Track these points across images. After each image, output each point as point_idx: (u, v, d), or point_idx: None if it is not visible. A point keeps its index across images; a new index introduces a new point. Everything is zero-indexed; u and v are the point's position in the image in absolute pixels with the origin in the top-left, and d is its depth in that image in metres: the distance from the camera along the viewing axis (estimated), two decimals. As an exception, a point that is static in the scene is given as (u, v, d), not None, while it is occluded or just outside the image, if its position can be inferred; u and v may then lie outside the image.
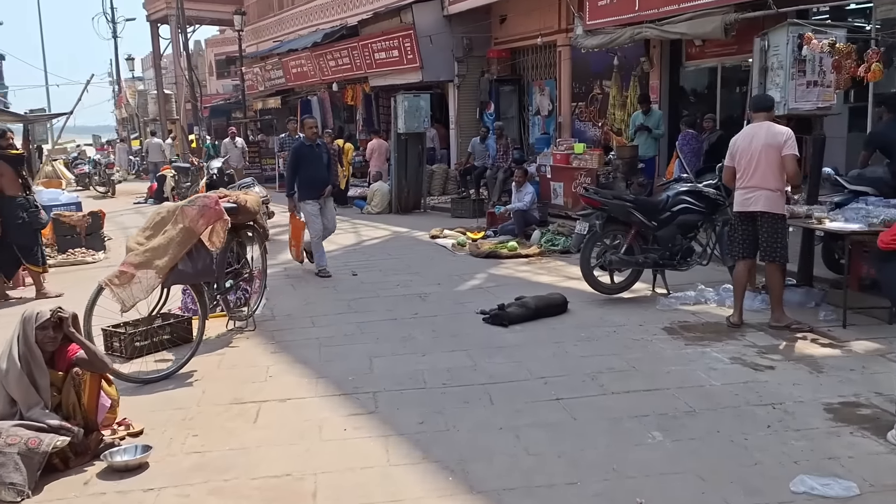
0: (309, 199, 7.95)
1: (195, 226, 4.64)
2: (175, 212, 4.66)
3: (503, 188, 12.91)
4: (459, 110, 16.29)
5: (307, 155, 7.95)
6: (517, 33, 15.41)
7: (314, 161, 7.92)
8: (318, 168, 7.94)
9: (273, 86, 23.42)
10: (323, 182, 7.99)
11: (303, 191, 7.97)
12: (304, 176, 7.94)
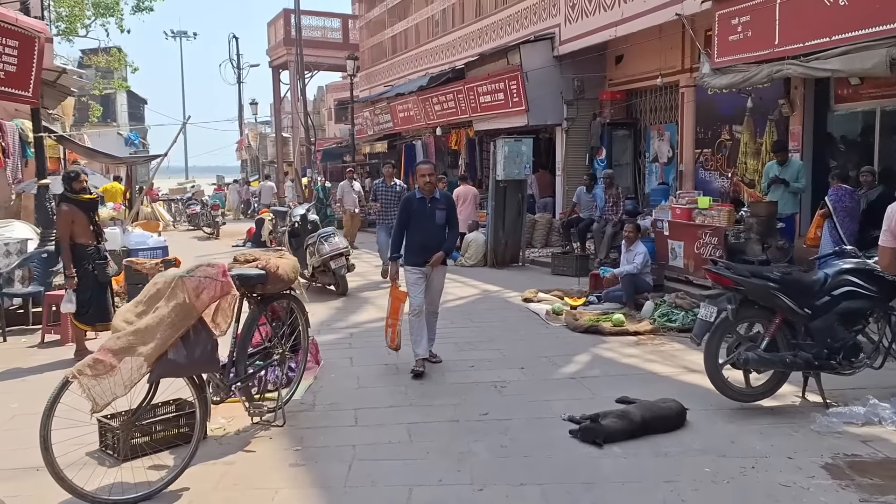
0: (414, 265, 6.20)
1: (194, 302, 3.64)
2: (171, 283, 3.68)
3: (612, 244, 11.46)
4: (567, 156, 15.00)
5: (419, 211, 6.18)
6: (634, 73, 14.05)
7: (427, 219, 6.18)
8: (431, 229, 6.19)
9: (381, 130, 23.11)
10: (435, 246, 6.18)
11: (409, 255, 6.27)
12: (413, 237, 6.22)
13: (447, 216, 6.26)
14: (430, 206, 6.18)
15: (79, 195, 6.46)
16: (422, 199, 6.20)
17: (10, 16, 7.68)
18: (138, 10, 31.11)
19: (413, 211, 6.19)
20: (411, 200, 6.27)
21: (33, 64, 8.14)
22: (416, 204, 6.21)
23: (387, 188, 10.94)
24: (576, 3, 13.90)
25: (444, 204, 6.26)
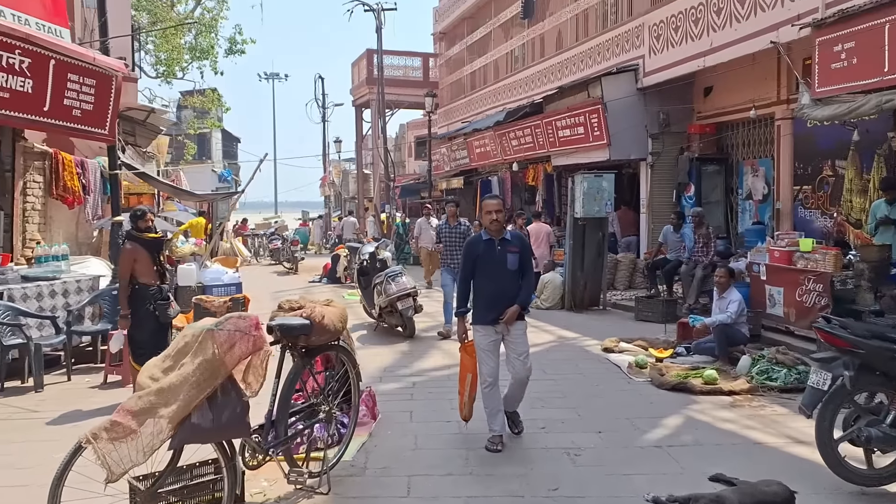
0: (484, 322, 5.17)
1: (223, 359, 3.26)
2: (199, 337, 3.32)
3: (701, 288, 10.60)
4: (652, 192, 14.22)
5: (487, 256, 5.20)
6: (725, 105, 13.23)
7: (497, 265, 5.17)
8: (502, 276, 5.16)
9: (457, 166, 22.90)
10: (509, 298, 5.12)
11: (477, 311, 5.25)
12: (480, 288, 5.24)
13: (521, 260, 5.21)
14: (499, 248, 5.16)
15: (144, 234, 6.33)
16: (489, 242, 5.19)
17: (87, 55, 7.79)
18: (231, 52, 32.48)
19: (479, 256, 5.18)
20: (477, 243, 5.26)
21: (110, 102, 8.24)
22: (483, 247, 5.19)
23: (450, 229, 10.00)
24: (661, 33, 13.28)
25: (516, 245, 5.22)
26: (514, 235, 5.39)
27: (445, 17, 26.15)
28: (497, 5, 21.69)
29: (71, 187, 9.06)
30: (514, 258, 5.19)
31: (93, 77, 7.89)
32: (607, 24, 15.52)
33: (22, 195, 8.47)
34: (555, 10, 18.00)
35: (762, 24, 10.75)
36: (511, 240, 5.28)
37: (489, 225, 5.24)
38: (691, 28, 12.43)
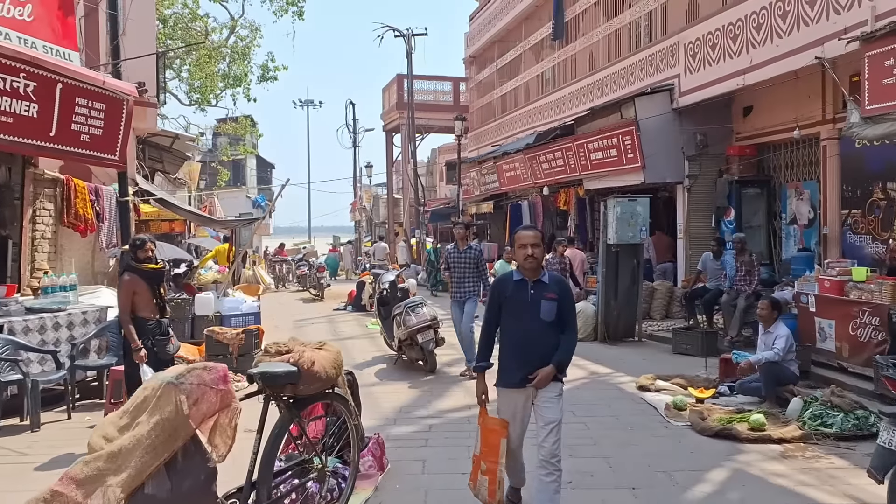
0: (508, 384, 4.21)
1: (186, 417, 2.80)
2: (158, 391, 2.86)
3: (744, 320, 9.91)
4: (689, 217, 13.56)
5: (516, 300, 4.22)
6: (766, 126, 12.57)
7: (528, 313, 4.17)
8: (534, 328, 4.14)
9: (487, 190, 22.46)
10: (540, 356, 4.12)
11: (501, 367, 4.27)
12: (507, 339, 4.26)
13: (560, 310, 4.14)
14: (532, 293, 4.14)
15: (143, 264, 5.96)
16: (521, 283, 4.19)
17: (97, 78, 7.55)
18: (264, 79, 32.74)
19: (507, 299, 4.20)
20: (505, 283, 4.28)
21: (121, 127, 7.97)
22: (513, 289, 4.20)
23: (459, 254, 8.61)
24: (697, 51, 12.72)
25: (554, 292, 4.17)
26: (553, 278, 4.29)
27: (476, 41, 25.93)
28: (527, 27, 21.36)
29: (83, 215, 8.80)
30: (551, 307, 4.12)
31: (102, 101, 7.63)
32: (641, 44, 15.02)
33: (31, 223, 8.23)
34: (586, 31, 17.57)
35: (806, 38, 10.13)
36: (549, 283, 4.21)
37: (523, 262, 4.20)
38: (729, 45, 11.86)
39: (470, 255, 8.64)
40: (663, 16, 14.30)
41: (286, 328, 13.47)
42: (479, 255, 8.68)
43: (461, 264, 8.65)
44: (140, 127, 10.72)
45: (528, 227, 4.38)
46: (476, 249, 8.77)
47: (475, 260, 8.63)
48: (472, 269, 8.63)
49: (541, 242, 4.26)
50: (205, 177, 42.95)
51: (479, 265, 8.68)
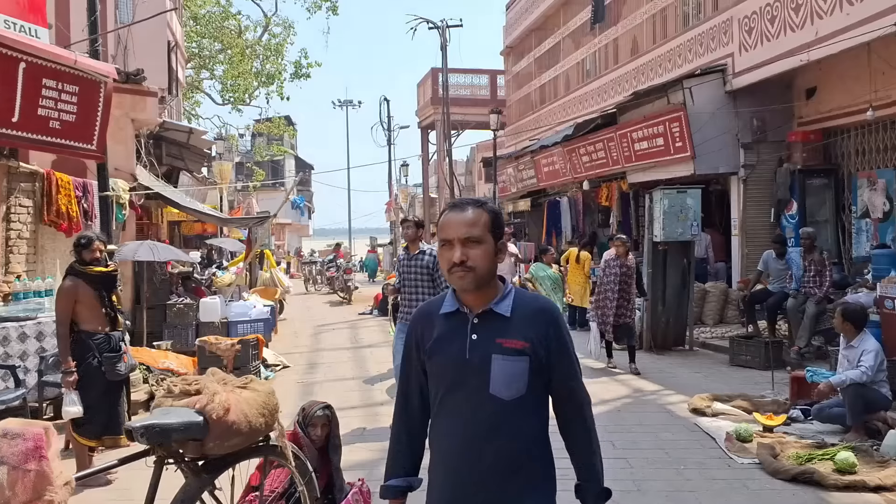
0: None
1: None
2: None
3: (815, 328, 8.59)
4: (745, 211, 12.20)
5: (440, 352, 2.10)
6: (833, 108, 11.18)
7: (462, 382, 2.07)
8: (477, 417, 2.05)
9: (524, 187, 21.29)
10: (497, 486, 2.04)
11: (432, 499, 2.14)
12: (434, 436, 2.18)
13: (538, 373, 2.06)
14: (475, 338, 2.05)
15: (89, 267, 5.02)
16: (455, 318, 2.10)
17: (66, 57, 6.67)
18: (297, 76, 32.15)
19: (432, 352, 2.11)
20: (427, 319, 2.16)
21: (97, 113, 7.09)
22: (441, 330, 2.11)
23: (409, 260, 6.26)
24: (753, 25, 11.37)
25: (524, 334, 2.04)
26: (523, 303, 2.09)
27: (512, 30, 24.77)
28: (566, 13, 20.13)
29: (66, 212, 7.98)
30: (513, 370, 2.03)
31: (75, 83, 6.76)
32: (689, 23, 13.69)
33: (5, 221, 7.43)
34: (628, 13, 16.28)
35: (883, 3, 8.77)
36: (512, 317, 2.06)
37: (450, 275, 2.04)
38: (790, 17, 10.50)
39: (421, 262, 6.14)
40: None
41: (305, 334, 12.59)
42: (432, 263, 6.06)
43: (412, 275, 6.18)
44: (140, 118, 9.91)
45: (460, 205, 2.09)
46: (429, 256, 6.11)
47: (428, 269, 6.09)
48: (426, 281, 6.08)
49: (487, 233, 2.02)
50: (241, 177, 42.79)
51: (433, 276, 6.07)
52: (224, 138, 28.44)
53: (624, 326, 8.76)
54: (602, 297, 8.89)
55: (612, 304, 8.70)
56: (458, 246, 2.00)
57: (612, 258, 8.98)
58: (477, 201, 2.10)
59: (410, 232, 6.38)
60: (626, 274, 8.80)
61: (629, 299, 8.83)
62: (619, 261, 8.88)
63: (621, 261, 8.87)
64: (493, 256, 2.03)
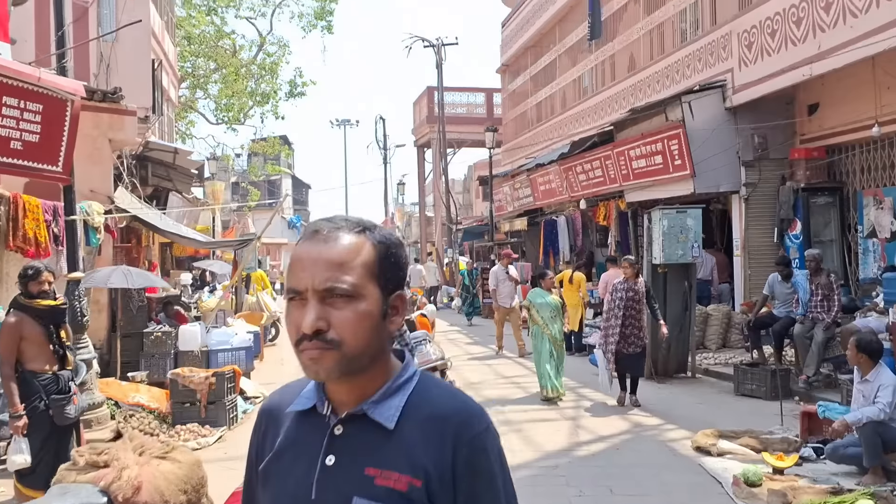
0: None
1: None
2: None
3: (823, 356, 8.16)
4: (748, 231, 11.80)
5: (278, 475, 1.27)
6: (836, 124, 10.84)
7: None
8: None
9: (521, 205, 20.90)
10: None
11: None
12: None
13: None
14: (333, 463, 1.22)
15: (35, 301, 4.60)
16: (308, 420, 1.28)
17: (29, 74, 6.29)
18: (292, 95, 31.96)
19: (267, 474, 1.29)
20: (272, 422, 1.33)
21: (63, 133, 6.70)
22: (286, 441, 1.29)
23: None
24: (753, 40, 11.05)
25: (420, 460, 1.20)
26: (421, 399, 1.25)
27: (508, 48, 24.54)
28: (562, 30, 19.87)
29: (34, 237, 7.57)
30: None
31: (38, 101, 6.37)
32: (687, 38, 13.39)
33: (-35, 248, 7.02)
34: (625, 29, 16.00)
35: (889, 14, 8.44)
36: (406, 433, 1.22)
37: (300, 355, 1.21)
38: (791, 31, 10.18)
39: None
40: (712, 4, 12.66)
41: (293, 362, 12.07)
42: None
43: None
44: (118, 138, 9.53)
45: (323, 230, 1.24)
46: None
47: None
48: None
49: (369, 282, 1.21)
50: (237, 197, 42.44)
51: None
52: (217, 158, 28.12)
53: (631, 357, 8.06)
54: (610, 323, 8.21)
55: (616, 331, 8.03)
56: (312, 303, 1.19)
57: (618, 281, 8.41)
58: (356, 223, 1.25)
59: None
60: (633, 299, 8.13)
61: (639, 326, 8.16)
62: (626, 284, 8.22)
63: (628, 284, 8.22)
64: (378, 323, 1.21)
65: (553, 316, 8.43)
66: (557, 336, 8.46)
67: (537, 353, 8.46)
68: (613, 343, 7.98)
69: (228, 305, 13.24)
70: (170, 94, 18.94)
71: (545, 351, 8.30)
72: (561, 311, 8.67)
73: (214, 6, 29.69)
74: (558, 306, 8.65)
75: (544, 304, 8.49)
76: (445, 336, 14.88)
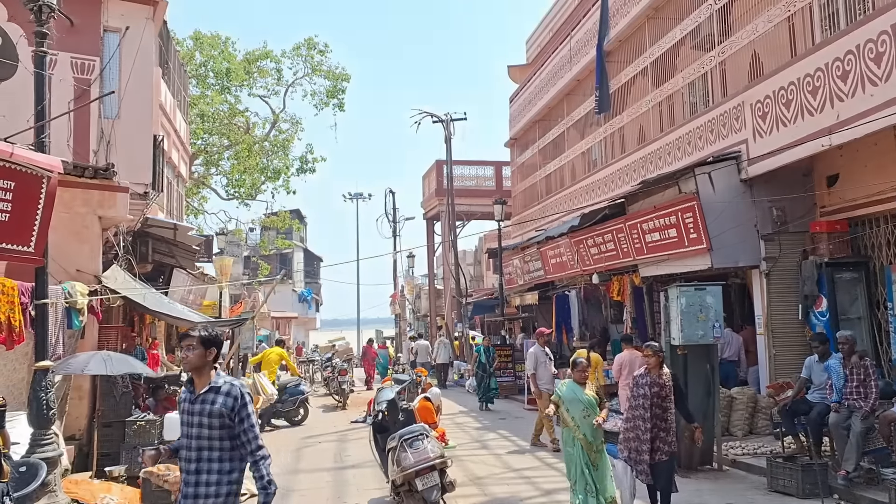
0: None
1: None
2: None
3: (863, 447, 7.39)
4: (770, 307, 11.17)
5: None
6: (858, 196, 10.36)
7: None
8: None
9: (532, 279, 20.37)
10: None
11: None
12: None
13: None
14: None
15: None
16: None
17: (2, 150, 5.96)
18: (302, 171, 32.14)
19: None
20: None
21: (37, 211, 6.32)
22: None
23: (191, 401, 3.94)
24: (767, 111, 10.71)
25: None
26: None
27: (516, 123, 24.55)
28: (570, 103, 19.79)
29: (7, 321, 7.09)
30: None
31: (10, 178, 6.03)
32: (697, 109, 13.11)
33: (-70, 334, 6.54)
34: (634, 101, 15.80)
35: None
36: None
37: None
38: (807, 100, 9.83)
39: (211, 405, 3.87)
40: (722, 75, 12.41)
41: (288, 449, 11.39)
42: (233, 405, 3.85)
43: (194, 428, 3.89)
44: (108, 215, 9.19)
45: None
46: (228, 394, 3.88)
47: (222, 417, 3.85)
48: (217, 439, 3.85)
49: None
50: (248, 272, 42.25)
51: (232, 432, 3.88)
52: (227, 233, 27.96)
53: (657, 466, 6.54)
54: (632, 425, 6.70)
55: (645, 437, 6.53)
56: None
57: (639, 374, 6.91)
58: None
59: (192, 356, 3.89)
60: (659, 395, 6.66)
61: (666, 428, 6.66)
62: (649, 378, 6.71)
63: (652, 377, 6.71)
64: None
65: (586, 416, 6.66)
66: (592, 439, 6.64)
67: (568, 460, 6.80)
68: (646, 452, 6.50)
69: (224, 388, 12.61)
70: (180, 171, 18.86)
71: (576, 459, 6.63)
72: (597, 409, 6.75)
73: (228, 85, 30.19)
74: (594, 404, 6.76)
75: (575, 400, 6.71)
76: (452, 420, 14.09)
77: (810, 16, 10.19)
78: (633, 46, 15.54)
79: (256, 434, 3.84)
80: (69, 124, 11.66)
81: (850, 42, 8.94)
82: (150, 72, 12.81)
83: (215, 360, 4.00)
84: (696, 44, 13.20)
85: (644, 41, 14.84)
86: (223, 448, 3.82)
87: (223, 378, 3.94)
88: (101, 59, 12.04)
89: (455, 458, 9.02)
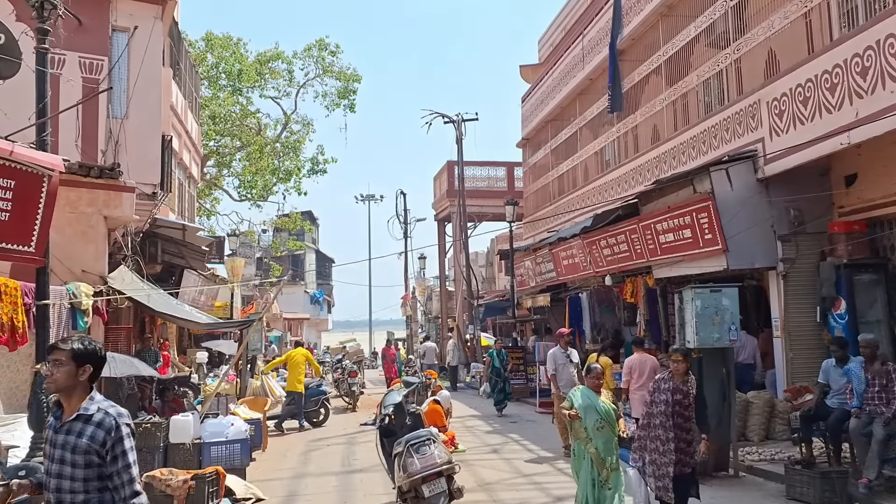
0: None
1: None
2: None
3: (884, 455, 7.16)
4: (787, 310, 10.92)
5: None
6: (877, 196, 10.11)
7: None
8: None
9: (544, 280, 20.16)
10: None
11: None
12: None
13: None
14: None
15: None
16: None
17: (2, 149, 5.87)
18: (313, 172, 32.10)
19: None
20: None
21: (38, 210, 6.22)
22: None
23: (56, 430, 3.22)
24: (784, 108, 10.46)
25: None
26: None
27: (528, 123, 24.36)
28: (582, 103, 19.58)
29: (9, 322, 7.01)
30: None
31: (10, 176, 5.94)
32: (712, 108, 12.88)
33: (-69, 335, 6.47)
34: (647, 101, 15.58)
35: (935, 78, 7.83)
36: None
37: None
38: (825, 98, 9.58)
39: (78, 436, 3.13)
40: (737, 73, 12.17)
41: (296, 452, 11.28)
42: (105, 438, 3.10)
43: (55, 464, 3.19)
44: (113, 215, 9.12)
45: None
46: (99, 425, 3.12)
47: (88, 453, 3.10)
48: (82, 479, 3.10)
49: None
50: (260, 273, 42.29)
51: (102, 472, 3.14)
52: (238, 234, 27.95)
53: (678, 480, 6.00)
54: (652, 434, 6.14)
55: (668, 448, 5.98)
56: None
57: (662, 378, 6.35)
58: None
59: (59, 374, 3.14)
60: (681, 403, 6.12)
61: (688, 439, 6.14)
62: (671, 383, 6.18)
63: (675, 383, 6.17)
64: None
65: (600, 427, 6.05)
66: (604, 454, 6.07)
67: (575, 474, 6.32)
68: (670, 465, 5.95)
69: (233, 389, 12.54)
70: (192, 172, 18.84)
71: (585, 473, 6.08)
72: (614, 420, 6.19)
73: (240, 86, 30.20)
74: (611, 413, 6.17)
75: (591, 407, 6.10)
76: (463, 423, 13.92)
77: (828, 11, 9.95)
78: (646, 44, 15.32)
79: (133, 477, 3.13)
80: (77, 124, 11.63)
81: (869, 37, 8.70)
82: (159, 71, 12.76)
83: (92, 379, 3.21)
84: (710, 41, 12.96)
85: (658, 39, 14.62)
86: (88, 490, 3.10)
87: (97, 404, 3.18)
88: (110, 58, 12.00)
89: (465, 462, 8.85)
